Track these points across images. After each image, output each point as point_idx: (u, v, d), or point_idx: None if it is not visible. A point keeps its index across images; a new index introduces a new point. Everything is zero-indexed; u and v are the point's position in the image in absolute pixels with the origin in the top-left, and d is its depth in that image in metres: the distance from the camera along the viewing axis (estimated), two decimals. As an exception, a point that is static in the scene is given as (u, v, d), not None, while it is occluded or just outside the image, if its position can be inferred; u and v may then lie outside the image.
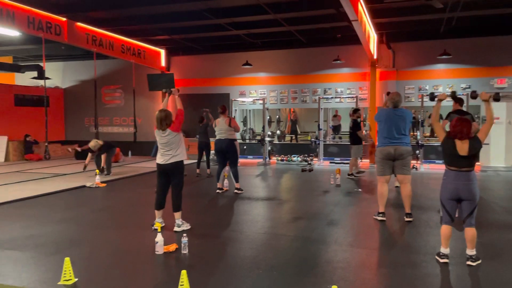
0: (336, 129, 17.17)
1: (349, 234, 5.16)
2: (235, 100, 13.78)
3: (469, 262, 3.94)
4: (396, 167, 5.62)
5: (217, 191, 7.97)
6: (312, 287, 3.55)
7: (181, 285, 3.31)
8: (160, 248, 4.38)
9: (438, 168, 10.86)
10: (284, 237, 5.09)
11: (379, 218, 5.69)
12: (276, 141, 14.47)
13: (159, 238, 4.40)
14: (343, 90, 13.06)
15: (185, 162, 5.54)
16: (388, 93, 6.28)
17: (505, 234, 5.06)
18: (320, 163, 12.47)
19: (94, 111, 12.06)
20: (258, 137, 13.76)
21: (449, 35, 11.63)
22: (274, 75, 13.79)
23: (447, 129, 4.30)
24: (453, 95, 4.64)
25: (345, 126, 17.88)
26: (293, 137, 18.21)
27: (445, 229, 4.02)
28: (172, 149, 5.29)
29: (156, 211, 5.43)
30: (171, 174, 5.35)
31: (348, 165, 12.11)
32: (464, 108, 9.35)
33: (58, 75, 16.10)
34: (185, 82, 14.62)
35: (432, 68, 12.15)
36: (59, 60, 15.72)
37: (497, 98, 4.13)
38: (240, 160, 13.19)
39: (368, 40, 10.66)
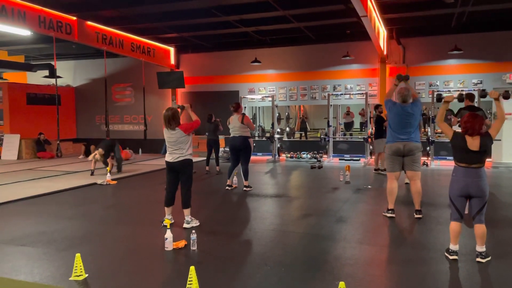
0: (349, 126, 17.12)
1: (358, 231, 5.15)
2: (244, 97, 13.80)
3: (479, 259, 3.91)
4: (405, 163, 5.58)
5: (227, 187, 8.01)
6: (320, 283, 3.55)
7: (189, 281, 3.34)
8: (169, 245, 4.42)
9: (448, 164, 10.76)
10: (293, 234, 5.10)
11: (389, 215, 5.66)
12: (285, 138, 14.45)
13: (168, 234, 4.44)
14: (352, 87, 13.00)
15: (194, 160, 5.57)
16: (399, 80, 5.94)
17: (517, 231, 5.00)
18: (330, 160, 12.43)
19: (104, 109, 12.16)
20: (268, 134, 13.76)
21: (460, 30, 11.49)
22: (283, 72, 13.77)
23: (456, 127, 4.25)
24: (460, 98, 4.60)
25: (358, 124, 17.84)
26: (303, 134, 18.21)
27: (454, 225, 3.99)
28: (180, 148, 5.32)
29: (165, 208, 5.48)
30: (180, 171, 5.39)
31: (357, 161, 12.10)
32: (475, 104, 9.28)
33: (69, 74, 16.28)
34: (195, 79, 14.69)
35: (443, 63, 12.03)
36: (70, 59, 15.91)
37: (506, 96, 4.09)
38: (251, 158, 13.21)
39: (378, 36, 10.58)
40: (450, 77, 11.96)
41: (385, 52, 11.87)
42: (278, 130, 13.54)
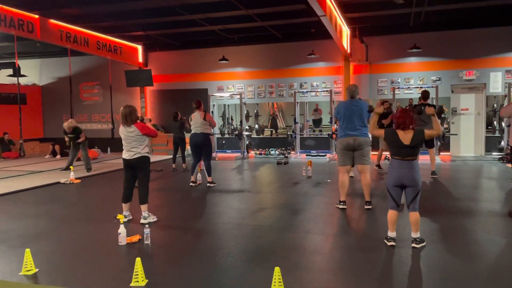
0: (317, 122, 17.43)
1: (309, 222, 5.38)
2: (213, 95, 13.92)
3: (413, 245, 4.18)
4: (355, 157, 5.85)
5: (191, 184, 8.13)
6: (264, 270, 3.72)
7: (135, 272, 3.48)
8: (122, 239, 4.53)
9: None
10: (247, 226, 5.28)
11: (340, 207, 5.92)
12: (254, 135, 14.65)
13: (122, 229, 4.55)
14: (318, 84, 13.29)
15: (162, 158, 5.68)
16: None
17: (457, 219, 5.31)
18: (297, 156, 12.71)
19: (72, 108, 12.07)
20: (237, 132, 13.93)
21: (418, 29, 11.90)
22: (251, 70, 13.95)
23: None
24: (388, 111, 4.92)
25: (326, 120, 18.18)
26: (273, 131, 18.45)
27: (391, 214, 4.26)
28: (136, 146, 5.43)
29: (123, 204, 5.58)
30: (137, 168, 5.50)
31: (323, 157, 12.41)
32: (430, 101, 9.68)
33: (35, 72, 16.01)
34: (163, 77, 14.71)
35: (404, 61, 12.44)
36: (35, 57, 15.64)
37: (440, 111, 4.46)
38: (219, 155, 13.38)
39: (340, 34, 10.88)
40: (410, 75, 12.38)
41: (348, 51, 12.19)
42: (247, 127, 13.72)
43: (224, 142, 14.20)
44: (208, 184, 8.01)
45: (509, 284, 3.40)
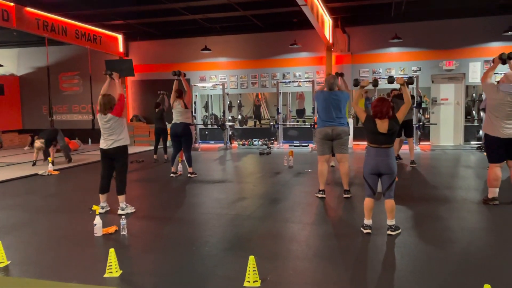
0: (300, 113, 17.39)
1: (288, 211, 5.39)
2: (195, 85, 13.78)
3: (389, 232, 4.23)
4: (334, 146, 5.88)
5: (171, 175, 8.08)
6: (240, 259, 3.72)
7: (109, 263, 3.45)
8: (98, 230, 4.48)
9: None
10: (226, 216, 5.27)
11: (320, 196, 5.96)
12: (237, 126, 14.59)
13: (97, 220, 4.50)
14: (301, 74, 13.29)
15: (144, 149, 5.61)
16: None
17: (432, 207, 5.39)
18: (280, 147, 12.73)
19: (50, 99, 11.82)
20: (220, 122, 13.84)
21: (399, 20, 11.93)
22: (234, 60, 13.86)
23: None
24: (375, 83, 4.94)
25: (309, 110, 18.19)
26: (257, 122, 18.39)
27: (368, 202, 4.30)
28: (114, 134, 5.36)
29: (100, 195, 5.52)
30: (114, 158, 5.43)
31: (306, 147, 12.45)
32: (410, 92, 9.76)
33: (13, 62, 15.62)
34: (145, 67, 14.51)
35: (385, 51, 12.51)
36: (13, 47, 15.25)
37: (410, 82, 4.43)
38: (202, 145, 13.32)
39: (322, 24, 10.86)
40: (391, 65, 12.46)
41: (331, 41, 12.18)
42: (230, 118, 13.67)
43: (207, 132, 14.12)
44: (189, 175, 7.97)
45: (478, 269, 3.47)
